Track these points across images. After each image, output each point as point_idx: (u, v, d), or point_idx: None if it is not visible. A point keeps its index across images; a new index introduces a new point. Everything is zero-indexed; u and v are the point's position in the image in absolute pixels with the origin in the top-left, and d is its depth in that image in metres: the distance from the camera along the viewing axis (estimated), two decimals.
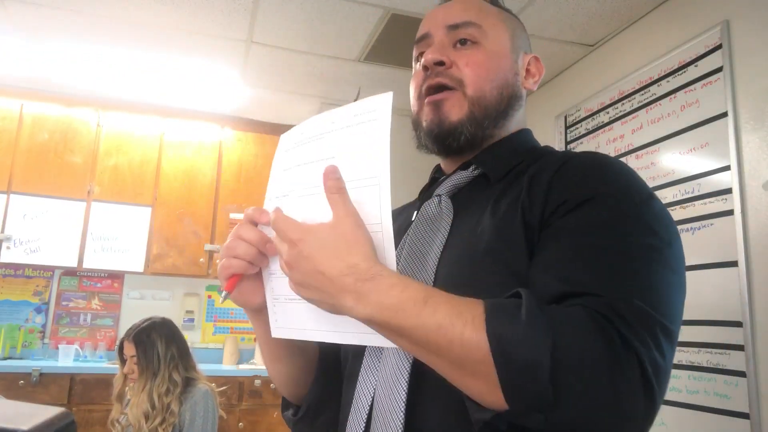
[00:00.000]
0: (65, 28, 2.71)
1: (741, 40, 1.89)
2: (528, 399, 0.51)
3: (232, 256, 0.68)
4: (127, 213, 3.58)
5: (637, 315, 0.53)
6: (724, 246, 1.85)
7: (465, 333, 0.53)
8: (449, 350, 0.53)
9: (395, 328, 0.55)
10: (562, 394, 0.50)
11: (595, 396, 0.50)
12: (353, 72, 3.04)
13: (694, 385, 1.89)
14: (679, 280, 0.60)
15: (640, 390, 0.51)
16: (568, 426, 0.51)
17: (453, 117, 0.76)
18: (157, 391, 1.88)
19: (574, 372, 0.50)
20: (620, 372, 0.50)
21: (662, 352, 0.54)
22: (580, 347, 0.51)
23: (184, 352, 2.02)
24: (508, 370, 0.51)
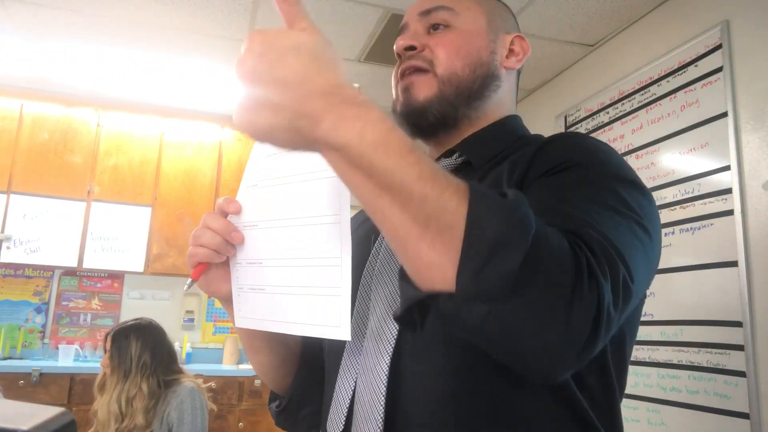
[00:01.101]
0: (65, 28, 2.71)
1: (741, 40, 1.89)
2: (484, 280, 0.45)
3: (197, 244, 0.68)
4: (127, 213, 3.58)
5: (607, 257, 0.50)
6: (724, 246, 1.85)
7: (446, 193, 0.46)
8: (420, 205, 0.46)
9: (369, 165, 0.47)
10: (523, 286, 0.45)
11: (553, 302, 0.46)
12: (353, 72, 3.04)
13: (694, 385, 1.89)
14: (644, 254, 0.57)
15: (588, 327, 0.47)
16: (503, 331, 0.46)
17: (420, 96, 0.76)
18: (125, 394, 1.86)
19: (544, 269, 0.46)
20: (580, 299, 0.46)
21: (617, 305, 0.50)
22: (555, 256, 0.47)
23: (161, 361, 1.97)
24: (479, 241, 0.45)
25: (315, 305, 0.60)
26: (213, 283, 0.71)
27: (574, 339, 0.47)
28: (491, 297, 0.45)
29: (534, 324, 0.46)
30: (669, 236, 2.06)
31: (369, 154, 0.46)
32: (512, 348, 0.48)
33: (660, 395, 2.02)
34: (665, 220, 2.08)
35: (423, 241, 0.47)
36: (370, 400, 0.64)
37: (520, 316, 0.46)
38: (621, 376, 0.66)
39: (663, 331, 2.04)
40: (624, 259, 0.52)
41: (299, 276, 0.62)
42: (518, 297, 0.45)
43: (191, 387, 1.96)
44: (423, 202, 0.46)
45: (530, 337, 0.46)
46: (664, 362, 2.02)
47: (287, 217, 0.64)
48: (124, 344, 1.94)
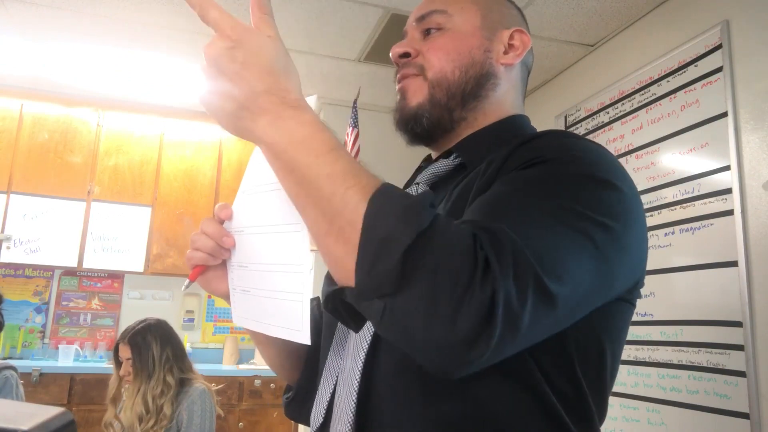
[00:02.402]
0: (65, 28, 2.71)
1: (741, 40, 1.89)
2: (375, 276, 0.48)
3: (194, 248, 0.72)
4: (127, 213, 3.59)
5: (516, 256, 0.48)
6: (724, 246, 1.85)
7: (350, 191, 0.50)
8: (327, 202, 0.51)
9: (291, 160, 0.53)
10: (407, 280, 0.47)
11: (437, 298, 0.46)
12: (353, 72, 3.04)
13: (694, 385, 1.89)
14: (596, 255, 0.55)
15: (480, 319, 0.46)
16: (398, 326, 0.48)
17: (413, 102, 0.77)
18: (151, 393, 1.88)
19: (427, 266, 0.47)
20: (470, 290, 0.46)
21: (524, 306, 0.48)
22: (445, 249, 0.47)
23: (179, 354, 2.02)
24: (369, 237, 0.48)
25: (283, 309, 0.64)
26: (212, 283, 0.75)
27: (460, 335, 0.46)
28: (383, 292, 0.48)
29: (421, 319, 0.47)
30: (669, 236, 2.06)
31: (291, 151, 0.53)
32: (408, 344, 0.50)
33: (660, 395, 2.02)
34: (665, 220, 2.08)
35: (330, 237, 0.52)
36: (345, 398, 0.65)
37: (408, 311, 0.47)
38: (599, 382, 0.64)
39: (663, 331, 2.04)
40: (540, 257, 0.50)
41: (272, 281, 0.66)
42: (405, 291, 0.47)
43: (202, 389, 1.97)
44: (330, 199, 0.51)
45: (420, 332, 0.47)
46: (664, 362, 2.02)
47: (263, 224, 0.67)
48: (144, 345, 1.95)
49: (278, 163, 0.55)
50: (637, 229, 0.61)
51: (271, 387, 3.38)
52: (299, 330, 0.61)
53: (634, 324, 2.16)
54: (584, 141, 0.65)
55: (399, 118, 0.78)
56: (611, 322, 0.64)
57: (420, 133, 0.77)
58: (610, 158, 0.64)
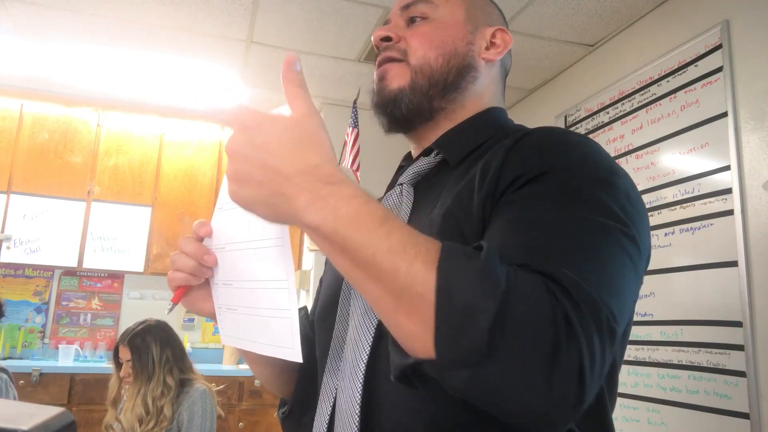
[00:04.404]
0: (65, 28, 2.71)
1: (741, 40, 1.89)
2: (460, 347, 0.45)
3: (174, 269, 0.70)
4: (127, 213, 3.59)
5: (588, 303, 0.48)
6: (724, 246, 1.85)
7: (414, 263, 0.48)
8: (392, 278, 0.48)
9: (342, 240, 0.50)
10: (497, 350, 0.45)
11: (530, 364, 0.45)
12: (353, 72, 3.04)
13: (694, 385, 1.89)
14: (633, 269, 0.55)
15: (574, 380, 0.46)
16: (489, 394, 0.46)
17: (393, 85, 0.76)
18: (151, 394, 1.88)
19: (517, 332, 0.45)
20: (560, 353, 0.45)
21: (603, 349, 0.48)
22: (530, 310, 0.46)
23: (179, 355, 2.02)
24: (449, 310, 0.46)
25: (272, 326, 0.62)
26: (196, 303, 0.73)
27: (559, 400, 0.46)
28: (469, 363, 0.45)
29: (515, 388, 0.46)
30: (669, 236, 2.06)
31: (341, 231, 0.49)
32: (501, 410, 0.48)
33: (660, 395, 2.02)
34: (665, 220, 2.08)
35: (399, 313, 0.49)
36: (347, 409, 0.64)
37: (500, 380, 0.46)
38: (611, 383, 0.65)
39: (663, 331, 2.04)
40: (607, 298, 0.50)
41: (257, 298, 0.64)
42: (495, 361, 0.45)
43: (203, 390, 1.97)
44: (394, 275, 0.48)
45: (514, 401, 0.46)
46: (664, 362, 2.02)
47: (243, 240, 0.65)
48: (144, 347, 1.95)
49: (328, 244, 0.51)
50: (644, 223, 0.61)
51: None
52: (291, 348, 0.59)
53: (634, 324, 2.16)
54: (573, 135, 0.65)
55: (378, 101, 0.77)
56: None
57: (399, 117, 0.76)
58: (603, 151, 0.64)
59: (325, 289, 0.82)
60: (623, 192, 0.59)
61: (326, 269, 0.86)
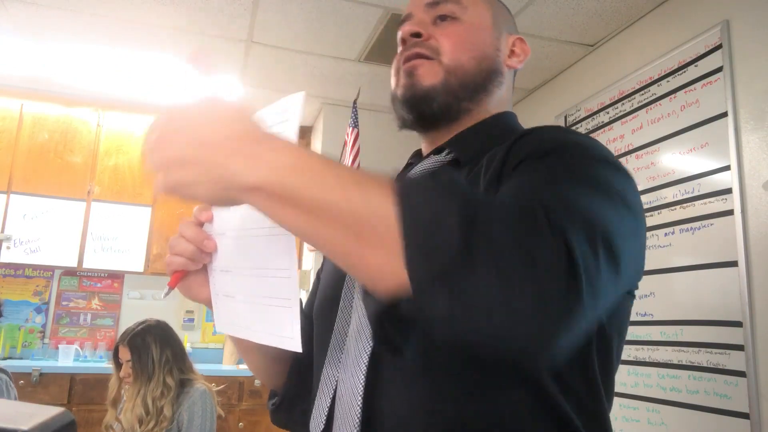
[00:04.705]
0: (65, 28, 2.71)
1: (741, 40, 1.89)
2: (432, 258, 0.43)
3: (173, 253, 0.70)
4: (127, 213, 3.58)
5: (580, 218, 0.46)
6: (724, 246, 1.85)
7: (369, 193, 0.46)
8: (348, 213, 0.46)
9: (288, 191, 0.47)
10: (471, 253, 0.42)
11: (511, 264, 0.42)
12: (353, 72, 3.04)
13: (694, 385, 1.89)
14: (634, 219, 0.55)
15: (563, 275, 0.42)
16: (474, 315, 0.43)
17: (426, 82, 0.74)
18: (151, 395, 1.88)
19: (487, 230, 0.43)
20: (542, 246, 0.42)
21: (598, 265, 0.45)
22: (500, 210, 0.44)
23: (179, 355, 2.02)
24: (414, 225, 0.44)
25: (272, 315, 0.61)
26: (192, 289, 0.72)
27: (550, 294, 0.42)
28: (445, 273, 0.42)
29: (500, 288, 0.42)
30: (669, 236, 2.06)
31: (285, 181, 0.47)
32: (490, 332, 0.44)
33: (660, 395, 2.02)
34: (665, 220, 2.08)
35: (363, 250, 0.46)
36: (348, 401, 0.63)
37: (483, 284, 0.42)
38: (608, 379, 0.64)
39: (663, 331, 2.04)
40: (599, 220, 0.48)
41: (259, 286, 0.63)
42: (473, 261, 0.42)
43: (203, 390, 1.97)
44: (351, 210, 0.46)
45: (501, 306, 0.42)
46: (664, 362, 2.02)
47: (247, 227, 0.64)
48: (144, 347, 1.95)
49: (275, 202, 0.48)
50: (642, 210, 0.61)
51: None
52: (290, 337, 0.58)
53: (634, 324, 2.17)
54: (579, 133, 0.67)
55: (409, 97, 0.75)
56: (617, 313, 0.63)
57: (428, 115, 0.75)
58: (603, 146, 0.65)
59: (324, 283, 0.81)
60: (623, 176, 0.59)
61: (324, 263, 0.86)
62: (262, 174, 0.47)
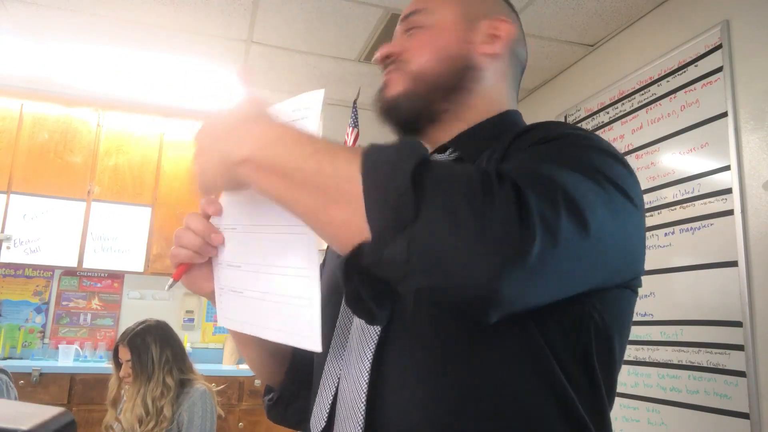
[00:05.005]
0: (65, 28, 2.71)
1: (741, 40, 1.89)
2: (390, 206, 0.46)
3: (179, 245, 0.71)
4: (127, 213, 3.58)
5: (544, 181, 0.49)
6: (724, 246, 1.85)
7: (338, 157, 0.51)
8: (319, 176, 0.51)
9: (271, 160, 0.54)
10: (422, 200, 0.46)
11: (460, 210, 0.45)
12: (353, 72, 3.04)
13: (694, 385, 1.89)
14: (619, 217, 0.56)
15: (511, 216, 0.45)
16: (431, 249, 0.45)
17: (391, 92, 0.78)
18: (151, 395, 1.88)
19: (439, 180, 0.47)
20: (492, 191, 0.45)
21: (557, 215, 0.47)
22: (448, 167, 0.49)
23: (179, 355, 2.01)
24: (374, 178, 0.48)
25: (287, 313, 0.61)
26: (197, 282, 0.73)
27: (493, 236, 0.44)
28: (400, 222, 0.46)
29: (449, 235, 0.45)
30: (669, 236, 2.06)
31: (269, 152, 0.54)
32: (444, 275, 0.46)
33: (660, 395, 2.02)
34: (665, 220, 2.08)
35: (332, 207, 0.51)
36: (351, 400, 0.63)
37: (434, 232, 0.45)
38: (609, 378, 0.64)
39: (663, 331, 2.04)
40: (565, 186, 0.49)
41: (273, 283, 0.62)
42: (425, 212, 0.45)
43: (203, 390, 1.97)
44: (321, 173, 0.51)
45: (453, 251, 0.45)
46: (664, 362, 2.02)
47: (263, 224, 0.64)
48: (143, 347, 1.95)
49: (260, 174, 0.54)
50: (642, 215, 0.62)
51: None
52: (309, 336, 0.58)
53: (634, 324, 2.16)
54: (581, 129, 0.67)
55: (379, 108, 0.80)
56: (618, 309, 0.64)
57: (402, 121, 0.78)
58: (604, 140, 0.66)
59: (326, 279, 0.81)
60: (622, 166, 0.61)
61: (327, 258, 0.86)
62: (250, 147, 0.54)
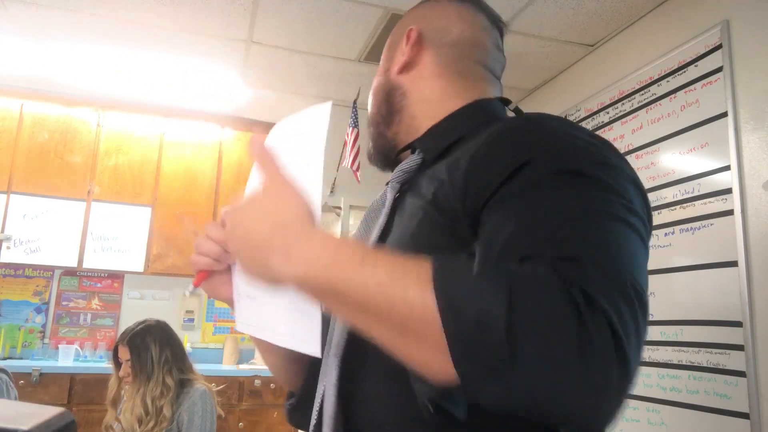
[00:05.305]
0: (65, 28, 2.71)
1: (741, 40, 1.89)
2: (481, 362, 0.44)
3: (198, 252, 0.72)
4: (127, 213, 3.58)
5: (605, 273, 0.47)
6: (724, 246, 1.85)
7: (408, 290, 0.47)
8: (390, 311, 0.47)
9: (330, 288, 0.50)
10: (519, 351, 0.43)
11: (559, 357, 0.43)
12: (353, 72, 3.04)
13: (694, 385, 1.89)
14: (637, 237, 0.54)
15: (612, 356, 0.43)
16: (531, 397, 0.44)
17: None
18: (150, 394, 1.88)
19: (533, 327, 0.43)
20: (587, 333, 0.43)
21: (635, 317, 0.46)
22: (540, 302, 0.44)
23: (179, 355, 2.01)
24: (458, 326, 0.44)
25: (292, 319, 0.62)
26: (216, 288, 0.75)
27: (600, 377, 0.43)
28: (497, 374, 0.44)
29: (553, 384, 0.43)
30: (669, 236, 2.06)
31: (325, 278, 0.50)
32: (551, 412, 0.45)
33: (660, 395, 2.02)
34: (665, 220, 2.08)
35: (409, 345, 0.48)
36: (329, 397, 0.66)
37: (535, 386, 0.43)
38: None
39: (663, 331, 2.04)
40: (621, 265, 0.48)
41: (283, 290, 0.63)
42: (522, 368, 0.43)
43: (203, 390, 1.97)
44: (392, 309, 0.47)
45: (558, 397, 0.44)
46: (664, 362, 2.02)
47: None
48: (143, 347, 1.95)
49: (319, 295, 0.53)
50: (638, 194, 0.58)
51: (271, 387, 3.38)
52: (309, 342, 0.60)
53: None
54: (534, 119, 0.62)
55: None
56: None
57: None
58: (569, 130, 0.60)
59: None
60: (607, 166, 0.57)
61: None
62: (300, 271, 0.52)
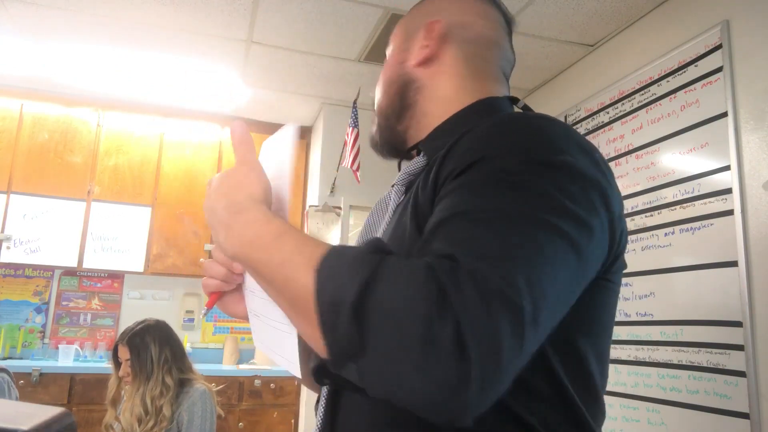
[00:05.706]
0: (65, 28, 2.71)
1: (741, 40, 1.89)
2: (337, 343, 0.47)
3: (208, 275, 0.75)
4: (127, 213, 3.58)
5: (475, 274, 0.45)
6: (724, 246, 1.85)
7: (300, 269, 0.51)
8: (285, 288, 0.52)
9: (250, 263, 0.56)
10: (367, 334, 0.45)
11: (404, 345, 0.44)
12: (353, 72, 3.04)
13: (694, 385, 1.89)
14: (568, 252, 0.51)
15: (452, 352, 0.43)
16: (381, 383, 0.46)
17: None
18: (150, 394, 1.88)
19: (381, 313, 0.45)
20: (432, 328, 0.43)
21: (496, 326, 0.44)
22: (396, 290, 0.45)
23: (178, 355, 2.01)
24: (321, 308, 0.48)
25: (281, 339, 0.65)
26: (230, 307, 0.77)
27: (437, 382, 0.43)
28: (352, 355, 0.47)
29: (395, 376, 0.45)
30: (669, 236, 2.06)
31: (247, 254, 0.56)
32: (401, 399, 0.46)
33: (660, 395, 2.02)
34: (665, 220, 2.08)
35: (298, 320, 0.53)
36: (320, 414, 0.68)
37: (381, 372, 0.46)
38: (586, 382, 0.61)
39: (663, 331, 2.04)
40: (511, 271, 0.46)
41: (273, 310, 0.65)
42: (369, 352, 0.46)
43: (203, 390, 1.97)
44: (286, 287, 0.52)
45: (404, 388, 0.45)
46: (664, 362, 2.02)
47: None
48: (143, 347, 1.95)
49: (246, 269, 0.58)
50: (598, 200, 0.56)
51: (271, 387, 3.38)
52: (292, 362, 0.62)
53: (634, 324, 2.17)
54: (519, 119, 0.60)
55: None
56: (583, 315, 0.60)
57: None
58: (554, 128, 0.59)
59: None
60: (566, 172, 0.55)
61: None
62: (232, 246, 0.57)
